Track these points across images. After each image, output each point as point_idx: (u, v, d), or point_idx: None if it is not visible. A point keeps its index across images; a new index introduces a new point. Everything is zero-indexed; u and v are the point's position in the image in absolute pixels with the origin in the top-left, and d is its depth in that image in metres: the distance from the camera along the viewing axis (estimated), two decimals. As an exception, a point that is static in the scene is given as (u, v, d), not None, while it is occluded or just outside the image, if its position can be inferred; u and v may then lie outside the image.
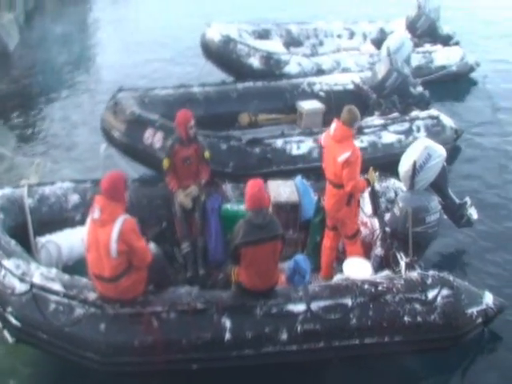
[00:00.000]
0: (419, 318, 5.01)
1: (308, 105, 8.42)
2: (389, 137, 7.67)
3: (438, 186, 6.06)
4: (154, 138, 7.16)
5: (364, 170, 5.59)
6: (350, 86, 8.76)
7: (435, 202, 5.73)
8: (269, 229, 4.71)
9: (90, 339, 4.73)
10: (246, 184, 4.86)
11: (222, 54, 10.18)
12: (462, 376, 5.30)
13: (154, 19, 14.54)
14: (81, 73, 11.87)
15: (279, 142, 7.32)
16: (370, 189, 5.77)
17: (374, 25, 12.06)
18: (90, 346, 4.74)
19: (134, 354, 4.76)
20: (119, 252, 4.55)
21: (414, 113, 8.16)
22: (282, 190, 6.10)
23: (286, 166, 7.16)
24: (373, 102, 8.40)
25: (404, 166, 5.84)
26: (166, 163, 6.09)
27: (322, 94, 8.65)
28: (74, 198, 6.07)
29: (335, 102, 8.28)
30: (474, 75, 11.19)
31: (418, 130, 7.89)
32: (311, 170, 6.85)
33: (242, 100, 8.30)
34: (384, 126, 7.80)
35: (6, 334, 5.11)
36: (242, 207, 6.06)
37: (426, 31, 11.35)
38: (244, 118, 8.38)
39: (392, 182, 6.43)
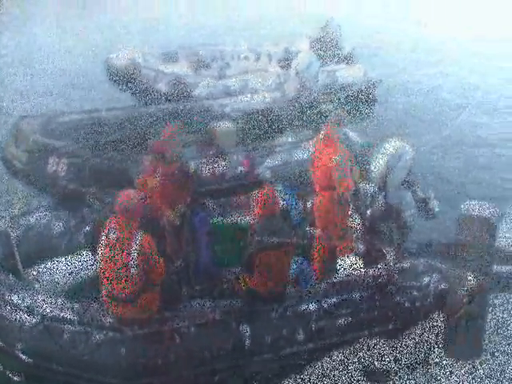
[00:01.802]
0: (417, 304, 5.42)
1: (220, 126, 8.43)
2: (301, 153, 7.49)
3: (407, 182, 6.55)
4: (58, 166, 6.93)
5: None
6: (261, 106, 8.89)
7: (409, 198, 6.21)
8: (281, 234, 4.88)
9: (110, 364, 4.62)
10: (257, 192, 5.02)
11: (128, 80, 9.97)
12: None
13: (54, 45, 13.90)
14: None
15: (192, 164, 7.12)
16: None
17: (278, 46, 12.28)
18: (111, 371, 4.63)
19: (156, 373, 4.72)
20: (138, 270, 4.52)
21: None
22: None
23: (198, 188, 6.93)
24: (284, 120, 8.68)
25: (377, 166, 6.26)
26: (150, 182, 6.04)
27: (233, 114, 8.71)
28: (59, 226, 5.88)
29: (247, 122, 8.58)
30: (377, 91, 11.74)
31: None
32: (224, 190, 6.78)
33: (152, 123, 8.10)
34: (295, 144, 7.82)
35: (11, 375, 4.86)
36: (229, 220, 6.27)
37: (329, 50, 11.77)
38: None
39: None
